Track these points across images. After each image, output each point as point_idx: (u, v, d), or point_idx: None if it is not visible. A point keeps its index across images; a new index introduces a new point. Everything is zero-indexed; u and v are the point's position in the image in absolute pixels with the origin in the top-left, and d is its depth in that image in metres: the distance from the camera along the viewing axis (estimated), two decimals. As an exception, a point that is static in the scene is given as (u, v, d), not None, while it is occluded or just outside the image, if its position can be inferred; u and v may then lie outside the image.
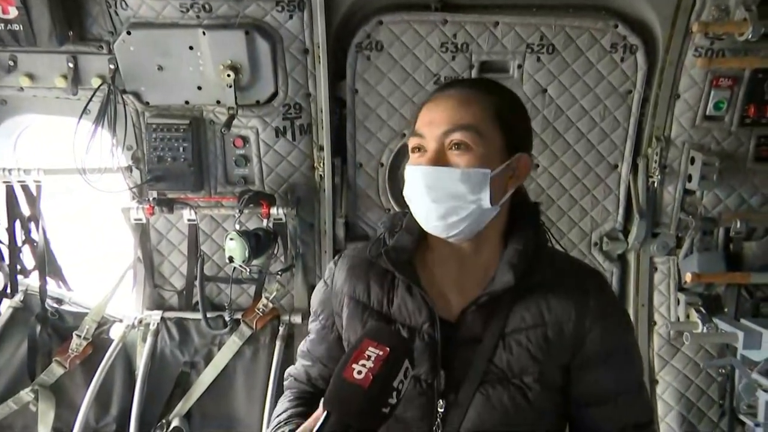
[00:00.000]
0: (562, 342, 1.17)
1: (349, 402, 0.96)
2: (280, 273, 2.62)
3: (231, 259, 2.41)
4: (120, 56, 2.31)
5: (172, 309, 2.74)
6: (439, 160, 1.13)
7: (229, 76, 2.29)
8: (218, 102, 2.39)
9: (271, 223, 2.53)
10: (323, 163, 2.53)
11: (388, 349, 1.00)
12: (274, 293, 2.64)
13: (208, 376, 2.63)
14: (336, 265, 1.33)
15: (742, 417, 2.54)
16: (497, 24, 2.35)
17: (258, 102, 2.41)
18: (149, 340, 2.66)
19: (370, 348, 1.01)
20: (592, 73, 2.41)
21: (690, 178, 2.49)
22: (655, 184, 2.53)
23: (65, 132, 2.38)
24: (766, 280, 2.50)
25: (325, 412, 0.98)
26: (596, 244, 2.65)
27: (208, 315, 2.62)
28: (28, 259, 2.66)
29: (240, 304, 2.72)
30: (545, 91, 2.44)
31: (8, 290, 2.66)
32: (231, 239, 2.39)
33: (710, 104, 2.39)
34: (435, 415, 1.16)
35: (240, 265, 2.43)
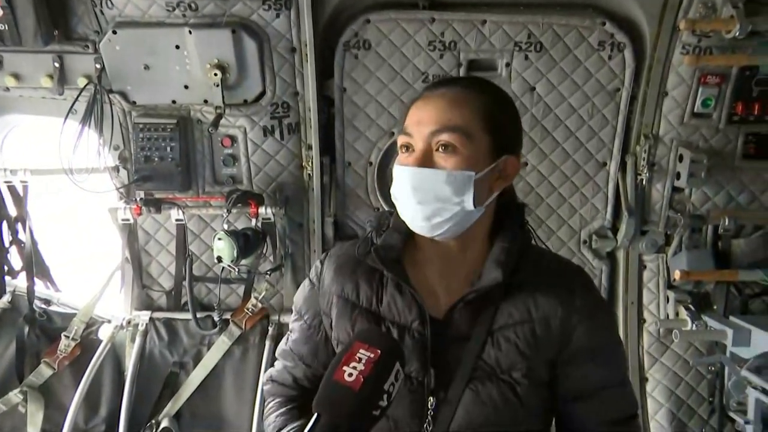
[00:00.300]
0: (549, 337, 1.18)
1: (340, 404, 0.96)
2: (269, 273, 2.62)
3: (219, 259, 2.41)
4: (106, 56, 2.30)
5: (161, 309, 2.73)
6: (426, 161, 1.13)
7: (216, 75, 2.28)
8: (205, 101, 2.37)
9: (260, 223, 2.53)
10: (312, 162, 2.53)
11: (379, 351, 1.00)
12: (264, 293, 2.64)
13: (197, 376, 2.63)
14: (323, 264, 1.33)
15: (731, 414, 2.55)
16: (485, 22, 2.35)
17: (245, 101, 2.40)
18: (138, 340, 2.65)
19: (361, 350, 1.01)
20: (580, 71, 2.41)
21: (678, 176, 2.49)
22: (643, 182, 2.53)
23: (52, 132, 2.37)
24: (754, 277, 2.50)
25: (315, 414, 0.98)
26: (585, 242, 2.65)
27: (197, 315, 2.61)
28: (15, 260, 2.65)
29: (229, 304, 2.71)
30: (533, 89, 2.44)
31: (-5, 291, 2.64)
32: (219, 239, 2.39)
33: (698, 102, 2.39)
34: (426, 412, 1.17)
35: (228, 265, 2.43)
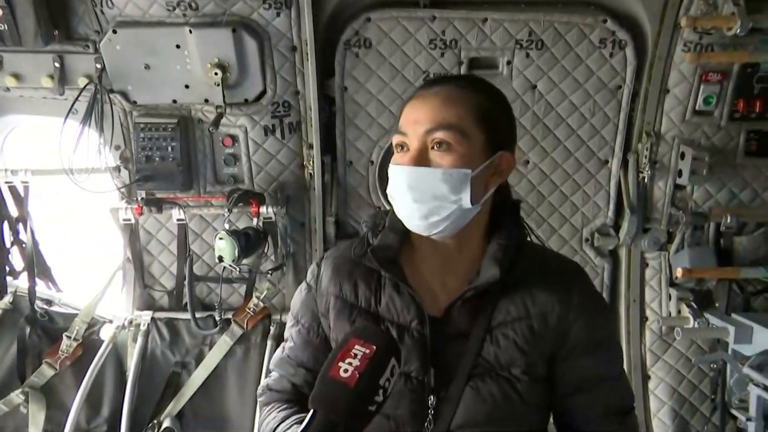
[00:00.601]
0: (546, 333, 1.18)
1: (336, 400, 0.96)
2: (270, 272, 2.61)
3: (221, 259, 2.40)
4: (106, 55, 2.29)
5: (163, 309, 2.73)
6: (422, 160, 1.12)
7: (216, 74, 2.27)
8: (206, 101, 2.37)
9: (261, 222, 2.53)
10: (313, 161, 2.52)
11: (374, 347, 1.00)
12: (265, 292, 2.64)
13: (199, 376, 2.62)
14: (319, 266, 1.32)
15: (733, 411, 2.55)
16: (486, 20, 2.34)
17: (246, 100, 2.40)
18: (140, 340, 2.65)
19: (357, 346, 1.00)
20: (582, 69, 2.41)
21: (680, 173, 2.48)
22: (645, 180, 2.53)
23: (52, 132, 2.36)
24: (756, 274, 2.50)
25: (311, 410, 0.98)
26: (587, 240, 2.64)
27: (198, 315, 2.61)
28: (16, 260, 2.64)
29: (231, 304, 2.71)
30: (535, 87, 2.44)
31: (-3, 292, 2.64)
32: (220, 239, 2.38)
33: (700, 99, 2.39)
34: (426, 411, 1.17)
35: (230, 265, 2.42)
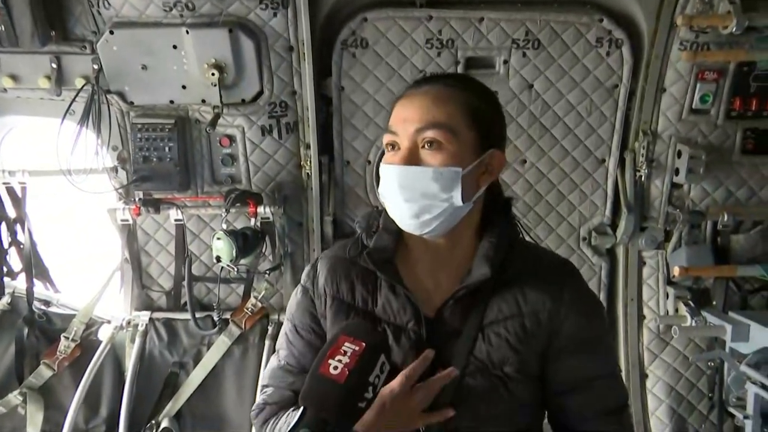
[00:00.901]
0: (538, 331, 1.18)
1: (326, 397, 0.97)
2: (268, 272, 2.61)
3: (218, 259, 2.41)
4: (103, 56, 2.29)
5: (161, 309, 2.72)
6: (412, 159, 1.13)
7: (213, 74, 2.27)
8: (203, 101, 2.37)
9: (259, 222, 2.52)
10: (310, 161, 2.52)
11: (363, 344, 1.01)
12: (263, 292, 2.64)
13: (197, 376, 2.62)
14: (315, 268, 1.32)
15: (731, 410, 2.55)
16: (482, 20, 2.34)
17: (243, 100, 2.40)
18: (138, 341, 2.65)
19: (346, 343, 1.01)
20: (578, 68, 2.41)
21: (677, 172, 2.48)
22: (642, 178, 2.53)
23: (50, 133, 2.36)
24: (753, 273, 2.50)
25: (301, 407, 0.98)
26: (585, 239, 2.65)
27: (196, 315, 2.61)
28: (14, 261, 2.64)
29: (229, 304, 2.71)
30: (531, 86, 2.44)
31: (-5, 293, 2.64)
32: (218, 239, 2.38)
33: (696, 97, 2.39)
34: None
35: (228, 265, 2.42)
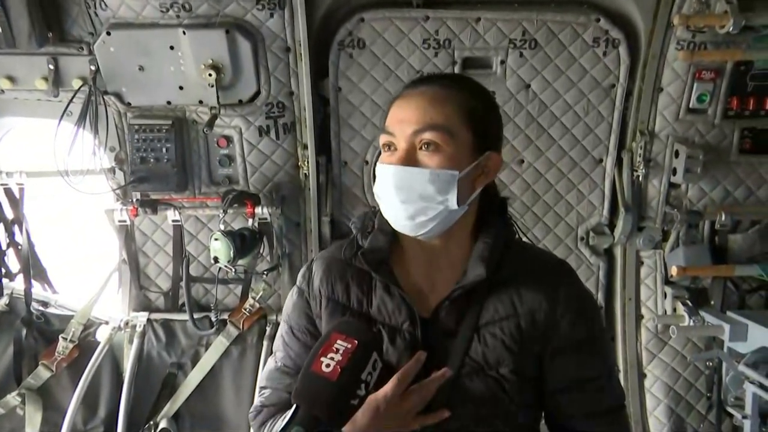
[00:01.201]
0: (534, 331, 1.17)
1: (318, 394, 0.97)
2: (266, 273, 2.61)
3: (216, 260, 2.41)
4: (100, 57, 2.29)
5: (159, 310, 2.73)
6: (409, 160, 1.12)
7: (210, 75, 2.27)
8: (200, 102, 2.37)
9: (257, 223, 2.53)
10: (308, 161, 2.53)
11: (356, 341, 1.01)
12: (261, 293, 2.64)
13: (195, 377, 2.63)
14: (310, 269, 1.31)
15: (729, 409, 2.55)
16: (479, 20, 2.34)
17: (240, 101, 2.40)
18: (136, 341, 2.65)
19: (339, 341, 1.01)
20: (575, 68, 2.41)
21: (674, 172, 2.48)
22: (639, 178, 2.53)
23: (47, 134, 2.36)
24: (751, 272, 2.50)
25: (293, 405, 0.98)
26: (582, 239, 2.65)
27: (194, 316, 2.60)
28: (12, 262, 2.64)
29: (227, 305, 2.71)
30: (528, 86, 2.44)
31: (-7, 294, 2.64)
32: (216, 239, 2.39)
33: (693, 97, 2.39)
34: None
35: (225, 266, 2.43)
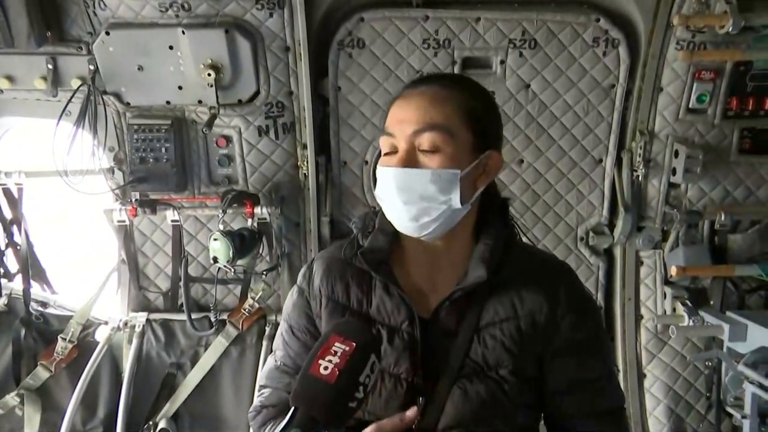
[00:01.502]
0: (535, 333, 1.17)
1: (316, 397, 0.97)
2: (265, 273, 2.61)
3: (215, 260, 2.40)
4: (99, 57, 2.29)
5: (158, 310, 2.72)
6: (410, 161, 1.12)
7: (209, 75, 2.27)
8: (200, 102, 2.37)
9: (256, 223, 2.52)
10: (307, 161, 2.52)
11: (354, 344, 1.01)
12: (260, 293, 2.64)
13: (194, 377, 2.62)
14: (311, 268, 1.31)
15: (729, 409, 2.54)
16: (479, 19, 2.34)
17: (240, 101, 2.40)
18: (135, 342, 2.65)
19: (337, 343, 1.01)
20: (575, 68, 2.41)
21: (674, 172, 2.48)
22: (639, 178, 2.53)
23: (46, 134, 2.36)
24: (751, 272, 2.50)
25: (292, 407, 0.98)
26: (582, 239, 2.65)
27: (194, 316, 2.60)
28: (11, 262, 2.64)
29: (226, 305, 2.71)
30: (528, 86, 2.44)
31: (-8, 294, 2.63)
32: (215, 239, 2.38)
33: (693, 97, 2.39)
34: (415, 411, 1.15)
35: (225, 266, 2.43)
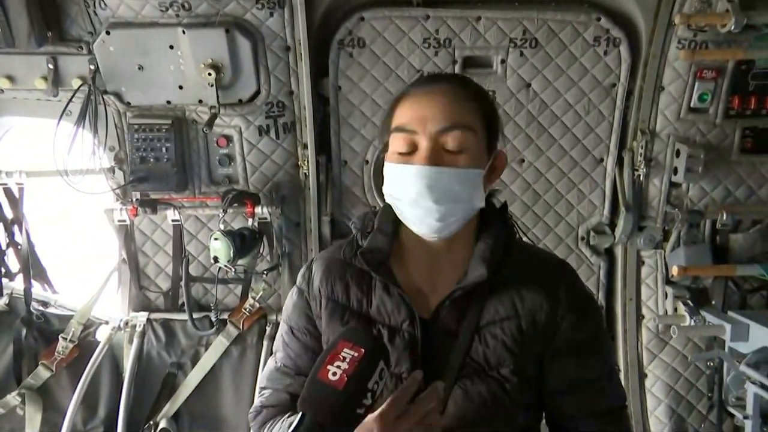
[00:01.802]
0: (535, 332, 1.17)
1: (324, 403, 0.96)
2: (266, 272, 2.61)
3: (216, 259, 2.41)
4: (100, 56, 2.29)
5: (159, 310, 2.72)
6: (437, 159, 1.10)
7: (210, 74, 2.27)
8: (200, 101, 2.36)
9: (256, 223, 2.52)
10: (307, 161, 2.52)
11: (363, 350, 1.00)
12: (261, 293, 2.64)
13: (195, 377, 2.62)
14: (310, 269, 1.31)
15: (730, 409, 2.54)
16: (479, 19, 2.34)
17: (240, 101, 2.40)
18: (136, 341, 2.65)
19: (345, 349, 1.01)
20: (576, 67, 2.40)
21: (675, 171, 2.48)
22: (640, 178, 2.52)
23: (47, 134, 2.35)
24: (752, 272, 2.49)
25: (300, 413, 0.98)
26: (583, 239, 2.64)
27: (194, 316, 2.60)
28: (12, 262, 2.63)
29: (227, 305, 2.71)
30: (529, 85, 2.43)
31: (-7, 294, 2.63)
32: (215, 239, 2.38)
33: (694, 96, 2.38)
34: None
35: (225, 265, 2.43)
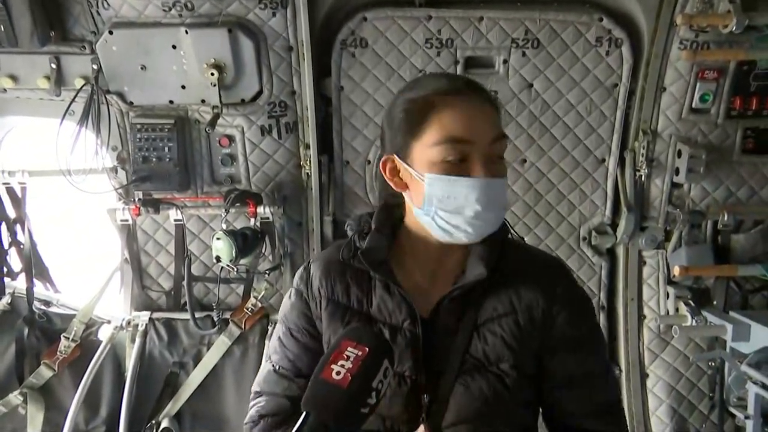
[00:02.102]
0: (533, 328, 1.19)
1: (328, 402, 0.96)
2: (268, 272, 2.61)
3: (218, 259, 2.41)
4: (103, 56, 2.29)
5: (161, 310, 2.72)
6: (494, 171, 1.11)
7: (213, 74, 2.27)
8: (203, 101, 2.37)
9: (259, 222, 2.53)
10: (310, 161, 2.52)
11: (367, 349, 1.00)
12: (263, 292, 2.64)
13: (197, 376, 2.63)
14: (308, 270, 1.30)
15: (732, 409, 2.55)
16: (482, 19, 2.34)
17: (243, 100, 2.40)
18: (138, 341, 2.65)
19: (349, 348, 1.00)
20: (578, 67, 2.41)
21: (677, 171, 2.48)
22: (642, 178, 2.52)
23: (50, 134, 2.36)
24: (754, 272, 2.50)
25: (303, 412, 0.97)
26: (585, 239, 2.65)
27: (196, 315, 2.61)
28: (14, 261, 2.64)
29: (229, 304, 2.71)
30: (531, 86, 2.44)
31: (-5, 293, 2.64)
32: (218, 239, 2.39)
33: (696, 97, 2.39)
34: (420, 409, 1.16)
35: (228, 265, 2.43)
